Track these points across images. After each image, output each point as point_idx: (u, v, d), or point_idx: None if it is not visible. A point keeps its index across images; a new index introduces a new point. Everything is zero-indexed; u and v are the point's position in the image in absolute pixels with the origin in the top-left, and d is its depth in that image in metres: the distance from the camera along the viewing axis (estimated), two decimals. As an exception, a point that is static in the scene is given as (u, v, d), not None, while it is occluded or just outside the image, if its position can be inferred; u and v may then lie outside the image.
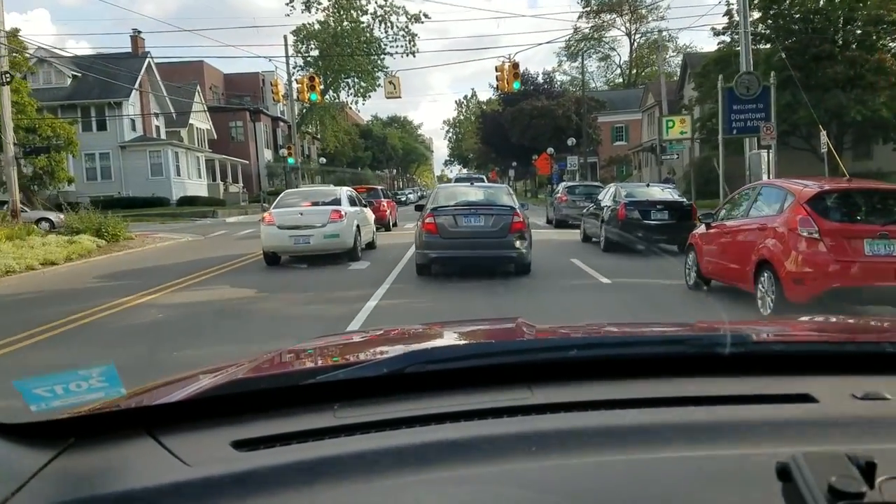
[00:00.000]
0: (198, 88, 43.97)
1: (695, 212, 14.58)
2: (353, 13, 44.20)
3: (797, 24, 27.81)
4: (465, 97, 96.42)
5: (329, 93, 46.69)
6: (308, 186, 21.09)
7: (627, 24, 65.37)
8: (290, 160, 36.23)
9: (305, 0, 44.26)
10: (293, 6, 50.09)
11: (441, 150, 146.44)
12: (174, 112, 41.34)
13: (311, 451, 0.92)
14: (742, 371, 1.17)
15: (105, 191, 36.20)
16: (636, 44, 67.67)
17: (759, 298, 7.21)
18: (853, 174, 20.48)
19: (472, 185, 13.25)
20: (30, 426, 0.99)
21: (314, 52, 44.86)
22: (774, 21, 27.57)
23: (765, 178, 17.25)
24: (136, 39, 40.02)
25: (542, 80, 53.36)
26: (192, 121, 43.56)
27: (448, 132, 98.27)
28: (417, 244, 10.79)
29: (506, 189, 12.65)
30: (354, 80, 46.56)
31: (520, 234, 10.32)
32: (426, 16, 47.33)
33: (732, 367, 1.17)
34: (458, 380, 1.14)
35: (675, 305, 8.27)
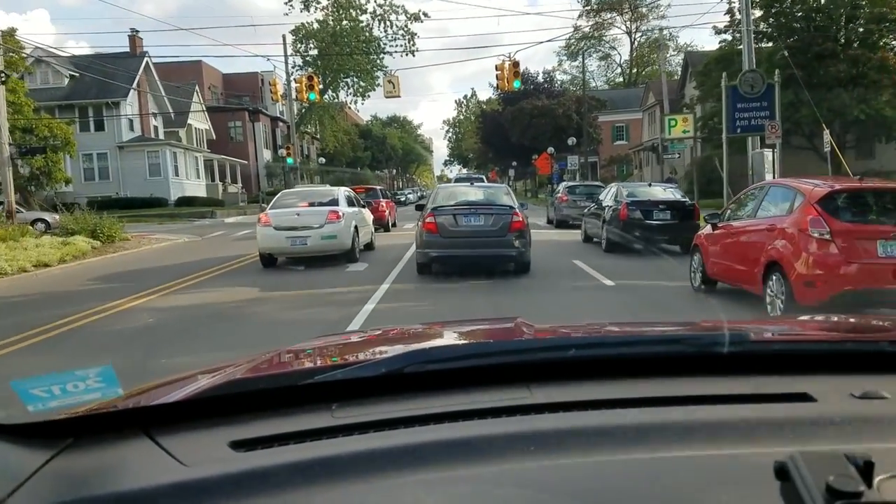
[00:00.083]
0: (196, 88, 43.75)
1: (697, 212, 14.48)
2: (353, 12, 43.97)
3: (799, 23, 27.66)
4: (465, 97, 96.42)
5: (328, 92, 46.50)
6: (302, 187, 20.82)
7: (628, 23, 65.24)
8: (289, 160, 36.06)
9: (304, -1, 44.13)
10: (292, 5, 49.97)
11: (441, 150, 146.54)
12: (172, 112, 41.13)
13: (309, 452, 0.91)
14: (741, 370, 1.17)
15: (103, 191, 36.10)
16: (636, 43, 67.50)
17: (768, 301, 7.00)
18: (855, 173, 20.43)
19: (472, 185, 13.33)
20: (27, 426, 0.98)
21: (313, 52, 44.64)
22: (776, 19, 27.41)
23: (768, 178, 17.13)
24: (134, 39, 39.79)
25: (543, 80, 53.15)
26: (191, 121, 43.36)
27: (448, 132, 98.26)
28: (418, 243, 10.88)
29: (505, 189, 12.75)
30: (353, 80, 46.33)
31: (519, 234, 10.38)
32: (426, 15, 47.20)
33: (731, 367, 1.17)
34: (457, 379, 1.14)
35: (681, 308, 8.06)
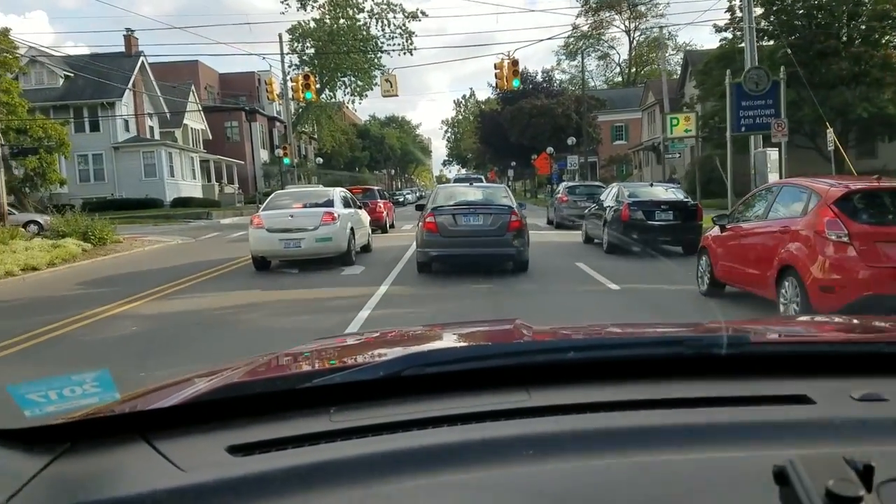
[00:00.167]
0: (192, 88, 43.40)
1: (700, 212, 14.23)
2: (350, 11, 43.59)
3: (800, 20, 27.40)
4: (464, 97, 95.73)
5: (325, 92, 46.11)
6: (293, 187, 20.45)
7: (626, 22, 64.93)
8: (286, 160, 35.73)
9: (301, -3, 43.66)
10: (288, 4, 49.64)
11: (440, 151, 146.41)
12: (168, 112, 40.77)
13: (307, 456, 0.90)
14: (740, 372, 1.16)
15: (98, 192, 35.78)
16: (635, 42, 67.21)
17: (782, 307, 6.67)
18: (859, 173, 20.17)
19: (471, 186, 13.51)
20: (24, 431, 0.97)
21: (310, 51, 44.28)
22: (777, 17, 27.13)
23: (771, 177, 16.85)
24: (130, 39, 39.38)
25: (542, 79, 52.82)
26: (187, 121, 42.99)
27: (446, 132, 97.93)
28: (418, 243, 11.08)
29: (503, 189, 12.94)
30: (351, 79, 45.95)
31: (517, 233, 10.59)
32: (423, 13, 46.78)
33: (730, 369, 1.17)
34: (456, 382, 1.13)
35: (691, 314, 7.71)
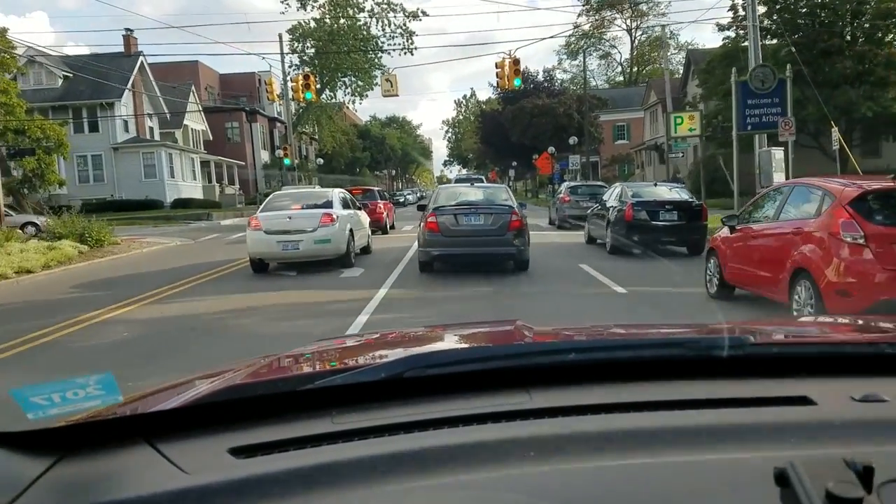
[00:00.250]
0: (192, 89, 43.20)
1: (705, 212, 14.04)
2: (350, 11, 43.35)
3: (803, 19, 27.16)
4: (465, 97, 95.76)
5: (326, 92, 45.87)
6: (289, 188, 20.19)
7: (628, 22, 64.67)
8: (286, 161, 35.52)
9: (301, -3, 43.36)
10: (288, 4, 49.41)
11: (440, 151, 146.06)
12: (168, 113, 40.57)
13: (309, 458, 0.90)
14: (741, 373, 1.15)
15: (97, 193, 35.61)
16: (637, 41, 66.94)
17: (795, 311, 6.45)
18: (864, 172, 19.93)
19: (472, 186, 13.63)
20: (27, 434, 0.96)
21: (310, 51, 44.05)
22: (780, 15, 26.88)
23: (776, 177, 16.62)
24: (129, 39, 39.18)
25: (543, 79, 52.58)
26: (187, 121, 42.80)
27: (447, 132, 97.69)
28: (420, 242, 11.21)
29: (504, 189, 13.12)
30: (351, 79, 45.70)
31: (518, 232, 10.75)
32: (424, 13, 46.45)
33: (731, 370, 1.16)
34: (457, 384, 1.12)
35: (701, 319, 7.43)
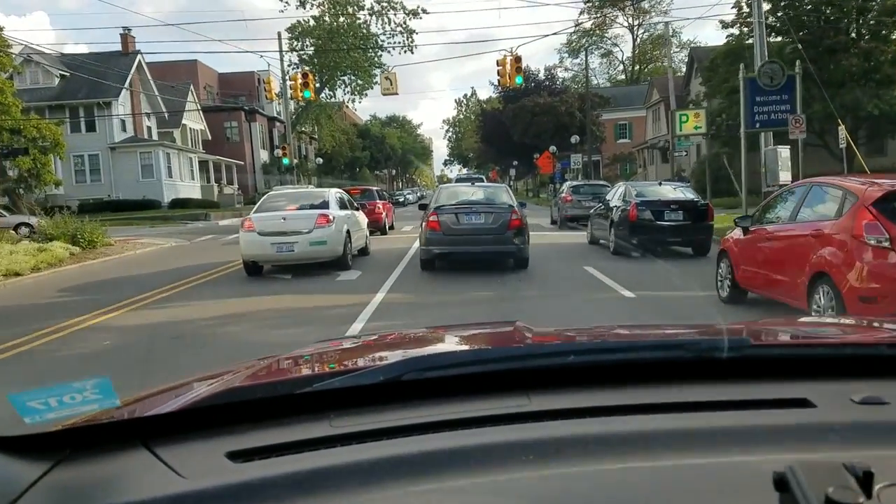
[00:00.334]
0: (191, 88, 42.87)
1: (711, 212, 13.70)
2: (350, 8, 42.95)
3: (808, 16, 26.79)
4: (465, 96, 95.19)
5: (325, 91, 45.50)
6: (291, 188, 19.85)
7: (630, 20, 64.28)
8: (285, 160, 35.16)
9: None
10: (287, 2, 49.03)
11: (441, 150, 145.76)
12: (167, 112, 40.23)
13: (307, 462, 0.90)
14: (740, 375, 1.15)
15: (94, 193, 35.30)
16: (639, 39, 66.58)
17: (815, 316, 6.09)
18: (871, 170, 19.59)
19: (473, 185, 13.86)
20: (23, 439, 0.96)
21: (310, 50, 43.67)
22: (785, 12, 26.51)
23: (782, 175, 16.28)
24: (126, 38, 38.82)
25: (544, 77, 52.22)
26: (186, 121, 42.47)
27: (448, 131, 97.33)
28: (422, 241, 11.35)
29: (504, 188, 13.26)
30: (351, 78, 45.31)
31: (518, 231, 10.90)
32: (424, 11, 45.92)
33: (731, 372, 1.15)
34: (456, 386, 1.12)
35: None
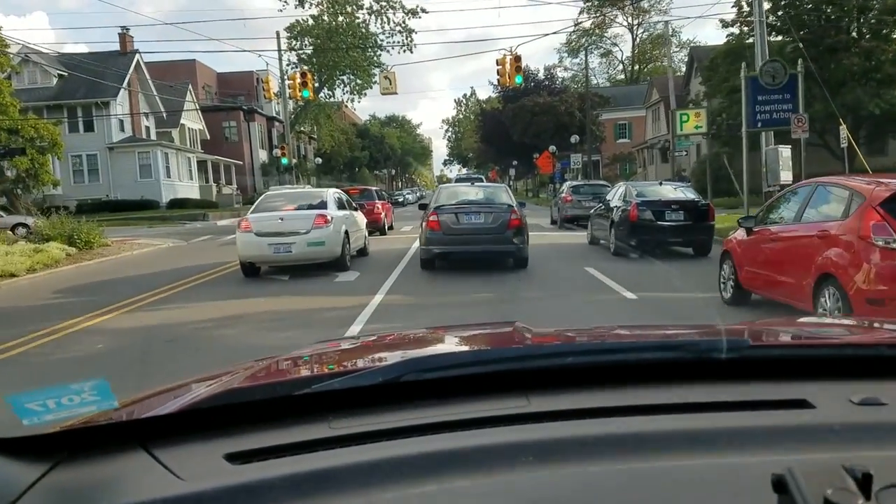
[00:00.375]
0: (190, 88, 42.74)
1: (712, 212, 13.60)
2: (349, 8, 42.80)
3: (809, 15, 26.66)
4: (465, 95, 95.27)
5: (324, 91, 45.36)
6: (289, 187, 19.71)
7: (629, 19, 64.17)
8: (284, 160, 35.02)
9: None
10: (286, 1, 48.86)
11: (440, 150, 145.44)
12: (165, 112, 40.08)
13: (306, 464, 0.90)
14: (740, 376, 1.15)
15: (93, 193, 35.18)
16: (638, 39, 66.46)
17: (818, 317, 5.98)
18: (873, 170, 19.48)
19: (473, 185, 14.01)
20: (21, 440, 0.96)
21: (308, 49, 43.51)
22: (785, 12, 26.40)
23: (783, 175, 16.20)
24: (125, 37, 38.69)
25: (544, 77, 52.10)
26: (184, 121, 42.34)
27: (447, 131, 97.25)
28: (422, 240, 11.45)
29: (504, 188, 13.38)
30: (350, 77, 45.16)
31: (517, 230, 11.00)
32: (423, 10, 45.70)
33: (730, 373, 1.15)
34: (455, 387, 1.12)
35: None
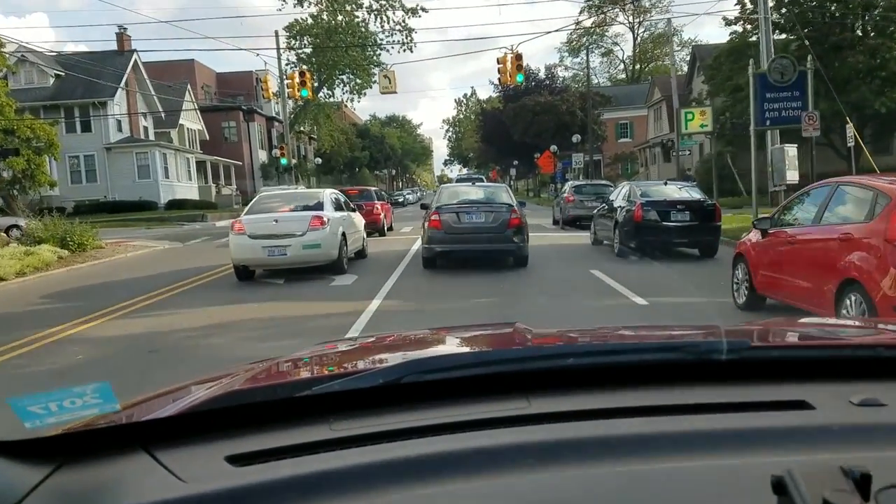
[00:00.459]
0: (188, 88, 42.42)
1: (719, 212, 13.31)
2: (348, 6, 42.44)
3: (813, 13, 26.34)
4: (465, 95, 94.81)
5: (323, 90, 45.02)
6: (285, 188, 19.37)
7: (630, 18, 63.85)
8: (283, 160, 34.68)
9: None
10: (285, 0, 48.48)
11: (441, 150, 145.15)
12: (163, 112, 39.77)
13: (307, 466, 0.90)
14: (740, 377, 1.15)
15: (90, 194, 34.89)
16: (639, 38, 66.13)
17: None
18: (881, 169, 19.16)
19: (473, 185, 14.10)
20: (23, 443, 0.96)
21: (308, 49, 43.18)
22: (789, 9, 26.07)
23: (789, 175, 15.94)
24: (122, 37, 38.39)
25: (545, 76, 51.77)
26: (183, 121, 42.02)
27: (448, 131, 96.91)
28: (424, 240, 11.62)
29: (504, 188, 13.50)
30: (349, 77, 44.80)
31: (517, 230, 11.15)
32: (423, 9, 45.31)
33: (730, 374, 1.15)
34: (455, 389, 1.11)
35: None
